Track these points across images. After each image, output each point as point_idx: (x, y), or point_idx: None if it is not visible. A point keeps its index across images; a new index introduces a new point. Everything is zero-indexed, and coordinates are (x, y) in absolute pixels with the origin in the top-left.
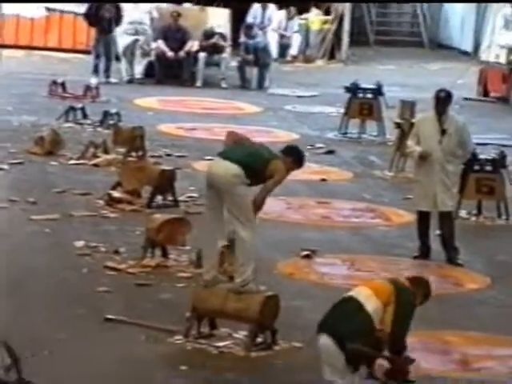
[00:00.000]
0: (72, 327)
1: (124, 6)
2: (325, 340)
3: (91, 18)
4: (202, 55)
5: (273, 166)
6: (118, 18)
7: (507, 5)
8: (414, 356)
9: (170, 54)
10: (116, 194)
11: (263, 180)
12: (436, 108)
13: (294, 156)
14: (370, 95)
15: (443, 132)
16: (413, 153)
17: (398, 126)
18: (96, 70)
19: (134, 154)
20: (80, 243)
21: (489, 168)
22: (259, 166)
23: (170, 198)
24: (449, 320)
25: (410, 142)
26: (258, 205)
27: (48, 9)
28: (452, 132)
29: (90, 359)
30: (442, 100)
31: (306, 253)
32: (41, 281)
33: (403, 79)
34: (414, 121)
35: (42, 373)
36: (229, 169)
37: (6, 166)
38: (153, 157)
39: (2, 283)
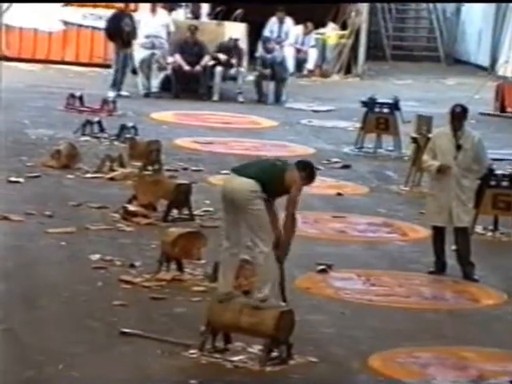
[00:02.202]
0: (87, 341)
1: (141, 19)
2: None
3: (111, 31)
4: (219, 69)
5: (289, 176)
6: (134, 32)
7: None
8: (430, 372)
9: (186, 68)
10: (132, 207)
11: (280, 193)
12: (452, 123)
13: (307, 170)
14: (386, 110)
15: (459, 147)
16: (430, 167)
17: (415, 140)
18: (115, 84)
19: (149, 167)
20: (95, 256)
21: (505, 184)
22: (275, 179)
23: (186, 211)
24: (465, 336)
25: (425, 157)
26: (290, 220)
27: (66, 22)
28: (468, 147)
29: (105, 373)
30: (458, 115)
31: (321, 267)
32: (56, 294)
33: (420, 94)
34: (430, 136)
35: None
36: (245, 184)
37: (22, 180)
38: (169, 170)
39: (17, 296)
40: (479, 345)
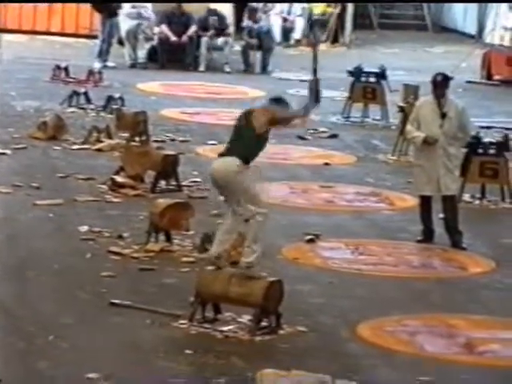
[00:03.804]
0: (77, 312)
1: None
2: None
3: (97, 1)
4: (205, 39)
5: (256, 120)
6: (120, 2)
7: None
8: (418, 340)
9: (173, 38)
10: (119, 178)
11: (263, 141)
12: (434, 92)
13: (278, 100)
14: (373, 79)
15: (443, 115)
16: (415, 138)
17: (402, 109)
18: (101, 55)
19: (137, 138)
20: (84, 228)
21: (492, 151)
22: (250, 139)
23: (174, 182)
24: (453, 304)
25: (410, 127)
26: (291, 118)
27: None
28: (452, 115)
29: (96, 343)
30: (440, 84)
31: (309, 237)
32: (45, 266)
33: (407, 63)
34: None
35: (49, 357)
36: (226, 163)
37: (9, 151)
38: (156, 141)
39: (6, 268)
40: (467, 312)
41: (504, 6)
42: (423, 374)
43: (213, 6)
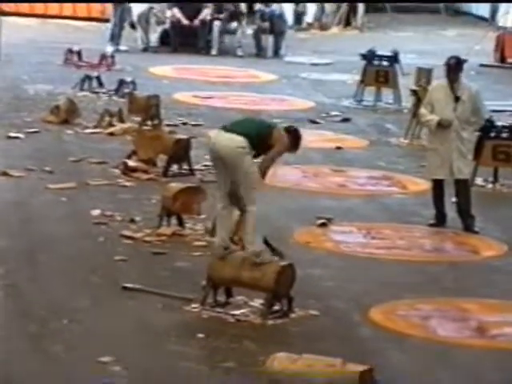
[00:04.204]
0: (89, 296)
1: None
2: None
3: None
4: (217, 23)
5: (276, 133)
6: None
7: None
8: (431, 324)
9: (185, 22)
10: (131, 162)
11: (267, 150)
12: (448, 76)
13: (292, 134)
14: (385, 63)
15: (457, 99)
16: (430, 121)
17: (414, 93)
18: (113, 39)
19: (149, 122)
20: (96, 212)
21: (505, 135)
22: (263, 135)
23: (186, 166)
24: (466, 287)
25: (423, 111)
26: (262, 173)
27: None
28: (466, 99)
29: (108, 327)
30: (453, 67)
31: (321, 221)
32: (58, 249)
33: (420, 46)
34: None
35: (61, 341)
36: (234, 140)
37: (22, 135)
38: (168, 125)
39: (19, 252)
40: (480, 296)
41: None
42: (436, 357)
43: None
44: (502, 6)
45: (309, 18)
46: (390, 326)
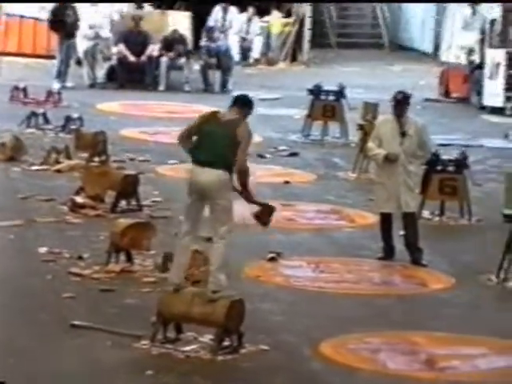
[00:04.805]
0: (37, 334)
1: (84, 10)
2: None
3: (55, 23)
4: (164, 59)
5: (240, 132)
6: (76, 22)
7: (466, 5)
8: (380, 357)
9: (131, 58)
10: (79, 199)
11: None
12: (395, 110)
13: (248, 105)
14: (332, 97)
15: (403, 134)
16: (377, 155)
17: (361, 127)
18: (59, 75)
19: (96, 158)
20: (44, 249)
21: (451, 168)
22: (232, 147)
23: (134, 202)
24: (414, 320)
25: (371, 145)
26: (243, 170)
27: (7, 14)
28: (412, 133)
29: (57, 366)
30: (400, 102)
31: (271, 255)
32: (5, 287)
33: (366, 81)
34: (376, 124)
35: (9, 380)
36: (215, 177)
37: None
38: (116, 161)
39: None
40: (429, 329)
41: (459, 24)
42: None
43: (173, 26)
44: (445, 41)
45: (255, 53)
46: (340, 360)
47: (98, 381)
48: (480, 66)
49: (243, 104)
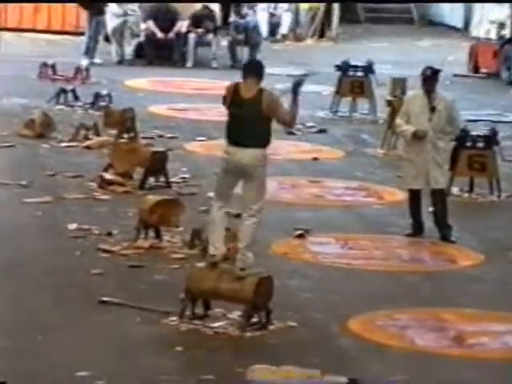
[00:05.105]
0: (66, 311)
1: None
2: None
3: (84, 0)
4: (192, 36)
5: (267, 108)
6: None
7: None
8: (409, 334)
9: (160, 34)
10: (108, 176)
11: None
12: (424, 86)
13: (260, 70)
14: (360, 73)
15: (433, 109)
16: (405, 132)
17: (390, 103)
18: (88, 52)
19: (125, 135)
20: (73, 226)
21: (481, 144)
22: (268, 125)
23: (162, 179)
24: (443, 297)
25: (399, 121)
26: (294, 122)
27: None
28: (441, 109)
29: (85, 342)
30: (429, 78)
31: (299, 232)
32: (34, 264)
33: (394, 56)
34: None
35: (38, 357)
36: (256, 155)
37: None
38: (144, 138)
39: None
40: (458, 306)
41: None
42: (414, 367)
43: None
44: (476, 16)
45: (284, 29)
46: (368, 337)
47: (126, 357)
48: (511, 41)
49: (257, 71)
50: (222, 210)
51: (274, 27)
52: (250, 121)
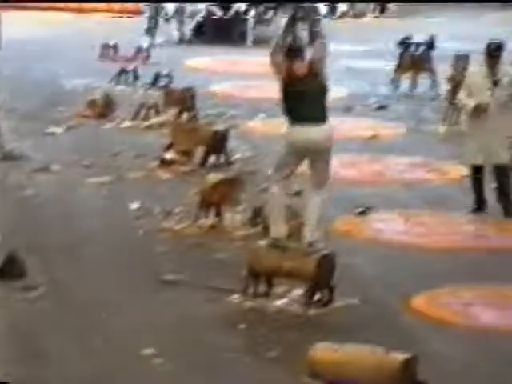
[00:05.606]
0: (130, 289)
1: None
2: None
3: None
4: (252, 14)
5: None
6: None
7: None
8: (473, 312)
9: (219, 13)
10: (169, 155)
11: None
12: (487, 61)
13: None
14: (422, 49)
15: (495, 83)
16: (466, 105)
17: (452, 79)
18: (148, 32)
19: (185, 114)
20: (135, 205)
21: None
22: (324, 99)
23: (223, 157)
24: (508, 274)
25: (462, 94)
26: None
27: None
28: (505, 83)
29: (149, 320)
30: (493, 52)
31: (360, 210)
32: (97, 243)
33: (457, 31)
34: (466, 73)
35: (102, 334)
36: (327, 131)
37: (59, 130)
38: (205, 117)
39: (60, 246)
40: None
41: None
42: (479, 345)
43: None
44: None
45: (343, 5)
46: (431, 315)
47: (190, 335)
48: None
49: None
50: (281, 191)
51: (333, 4)
52: (314, 97)
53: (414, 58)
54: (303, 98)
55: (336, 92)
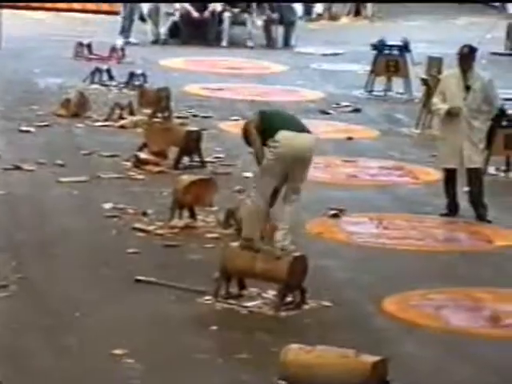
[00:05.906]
0: (102, 289)
1: None
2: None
3: None
4: (227, 15)
5: None
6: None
7: None
8: (444, 314)
9: (195, 14)
10: (143, 155)
11: None
12: (460, 64)
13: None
14: (396, 52)
15: (468, 88)
16: (439, 110)
17: (425, 82)
18: (123, 31)
19: (159, 115)
20: (108, 205)
21: None
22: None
23: (197, 158)
24: (479, 277)
25: (435, 100)
26: None
27: None
28: (477, 88)
29: (121, 320)
30: (466, 56)
31: (333, 212)
32: (70, 243)
33: (430, 35)
34: (440, 77)
35: (74, 334)
36: (312, 140)
37: (33, 129)
38: (179, 118)
39: (32, 245)
40: (493, 286)
41: None
42: (449, 347)
43: None
44: None
45: (319, 8)
46: (403, 317)
47: (162, 335)
48: None
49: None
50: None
51: (308, 6)
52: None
53: (388, 61)
54: (286, 117)
55: (310, 94)
